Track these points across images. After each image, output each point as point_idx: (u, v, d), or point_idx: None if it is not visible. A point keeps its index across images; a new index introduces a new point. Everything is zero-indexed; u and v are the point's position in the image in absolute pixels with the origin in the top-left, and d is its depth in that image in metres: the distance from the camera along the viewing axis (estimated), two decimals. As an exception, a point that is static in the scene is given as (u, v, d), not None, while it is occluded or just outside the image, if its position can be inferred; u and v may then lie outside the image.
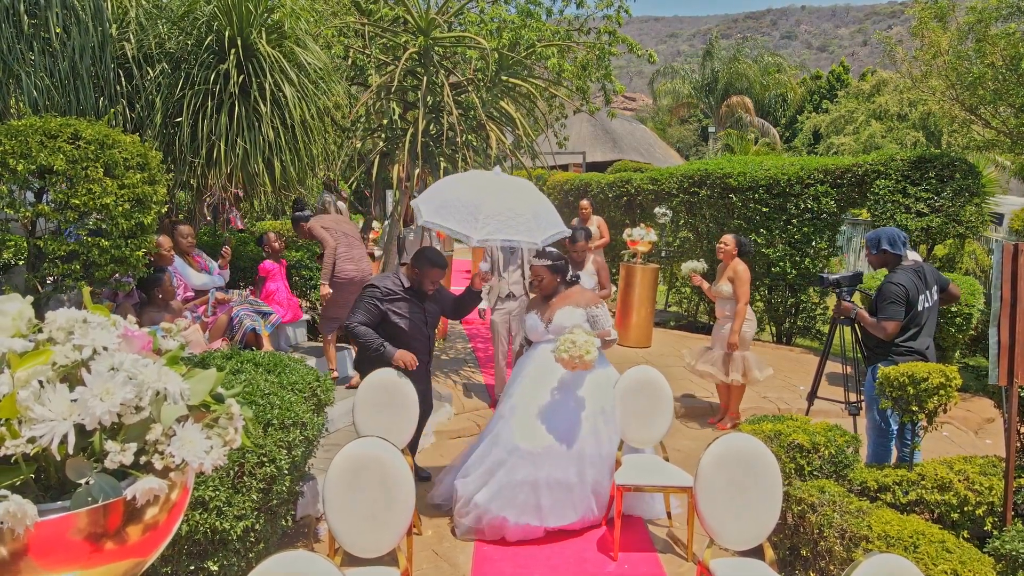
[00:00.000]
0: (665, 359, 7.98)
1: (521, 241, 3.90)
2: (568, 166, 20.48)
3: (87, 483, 0.87)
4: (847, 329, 4.83)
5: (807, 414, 5.05)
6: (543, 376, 4.16)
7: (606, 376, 4.29)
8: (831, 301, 8.70)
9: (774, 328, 9.28)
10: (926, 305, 4.32)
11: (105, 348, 0.90)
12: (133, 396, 0.88)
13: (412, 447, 4.37)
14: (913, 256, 5.29)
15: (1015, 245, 3.09)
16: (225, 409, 0.97)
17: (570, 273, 4.33)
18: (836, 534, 3.14)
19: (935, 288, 4.42)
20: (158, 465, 0.91)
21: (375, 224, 10.05)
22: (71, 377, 0.90)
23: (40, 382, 0.87)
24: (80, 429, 0.85)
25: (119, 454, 0.87)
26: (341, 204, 9.07)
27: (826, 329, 8.24)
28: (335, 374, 5.60)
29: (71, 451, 0.85)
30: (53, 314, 0.93)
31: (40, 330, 0.93)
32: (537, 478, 3.89)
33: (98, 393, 0.85)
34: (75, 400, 0.86)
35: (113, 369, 0.88)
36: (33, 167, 3.80)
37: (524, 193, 4.21)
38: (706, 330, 9.29)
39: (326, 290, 5.37)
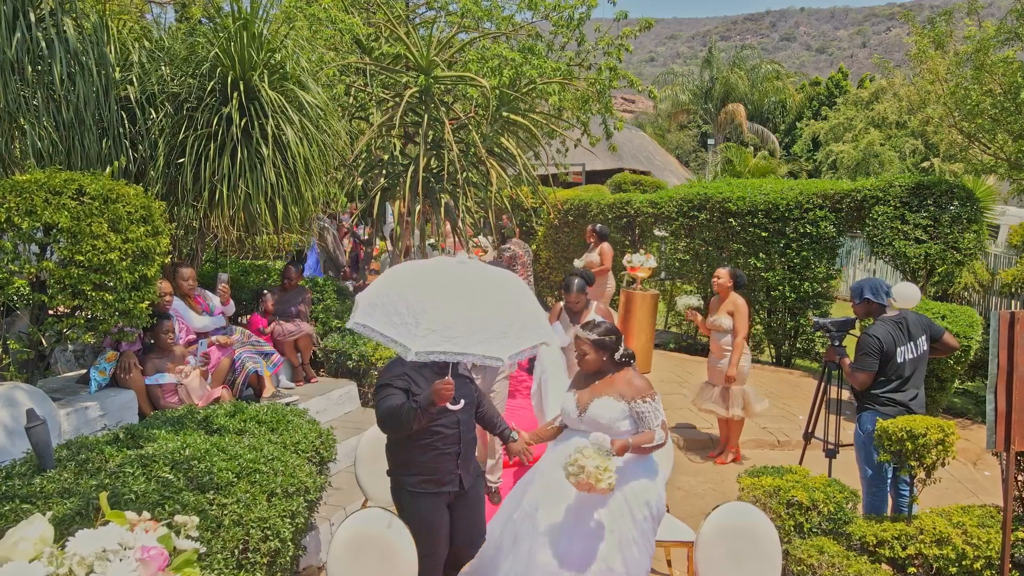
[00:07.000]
0: (665, 386, 8.00)
1: (477, 356, 2.90)
2: (568, 174, 20.49)
3: None
4: (835, 373, 4.87)
5: (803, 454, 5.08)
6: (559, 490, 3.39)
7: (642, 489, 3.39)
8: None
9: (773, 351, 9.32)
10: (908, 357, 4.27)
11: (123, 585, 0.94)
12: (151, 638, 0.91)
13: None
14: (908, 290, 5.26)
15: (1011, 314, 3.12)
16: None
17: (621, 351, 3.56)
18: (835, 599, 3.17)
19: (923, 338, 4.35)
20: None
21: (378, 243, 10.11)
22: (92, 609, 0.94)
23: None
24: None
25: None
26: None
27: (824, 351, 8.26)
28: None
29: None
30: (73, 544, 0.96)
31: (63, 547, 0.95)
32: None
33: (120, 648, 0.89)
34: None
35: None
36: (38, 224, 3.83)
37: (491, 294, 3.12)
38: (706, 351, 9.32)
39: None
